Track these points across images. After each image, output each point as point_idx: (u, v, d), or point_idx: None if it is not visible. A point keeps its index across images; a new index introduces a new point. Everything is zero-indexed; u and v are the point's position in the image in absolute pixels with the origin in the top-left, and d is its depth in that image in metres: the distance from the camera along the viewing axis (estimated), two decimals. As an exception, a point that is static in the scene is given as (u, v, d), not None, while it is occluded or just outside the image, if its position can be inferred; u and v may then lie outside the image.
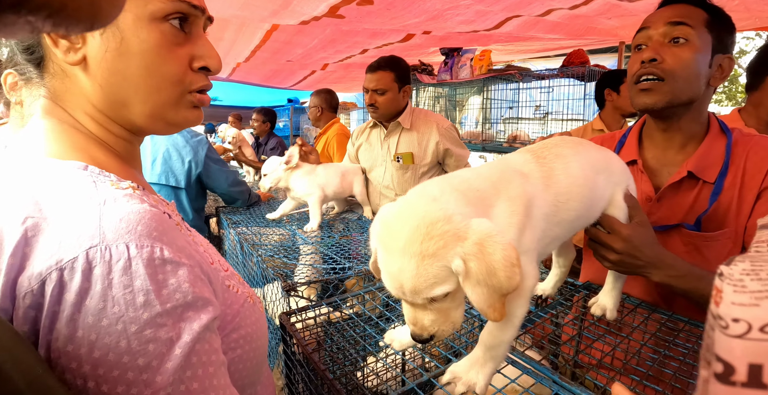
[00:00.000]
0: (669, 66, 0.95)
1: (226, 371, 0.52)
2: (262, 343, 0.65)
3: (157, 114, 0.58)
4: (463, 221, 0.56)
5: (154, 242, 0.47)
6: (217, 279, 0.57)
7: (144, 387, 0.43)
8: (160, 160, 1.96)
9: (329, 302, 1.01)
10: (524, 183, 0.69)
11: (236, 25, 2.99)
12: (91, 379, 0.42)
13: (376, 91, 2.01)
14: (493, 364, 0.69)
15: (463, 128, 4.47)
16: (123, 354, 0.42)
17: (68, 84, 0.56)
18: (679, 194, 1.03)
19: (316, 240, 1.63)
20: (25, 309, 0.42)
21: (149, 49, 0.53)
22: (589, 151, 0.84)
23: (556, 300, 1.02)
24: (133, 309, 0.43)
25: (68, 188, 0.48)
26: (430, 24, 2.60)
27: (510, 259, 0.54)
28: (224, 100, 7.14)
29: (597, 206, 0.85)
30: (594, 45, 3.38)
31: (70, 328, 0.42)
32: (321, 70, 4.51)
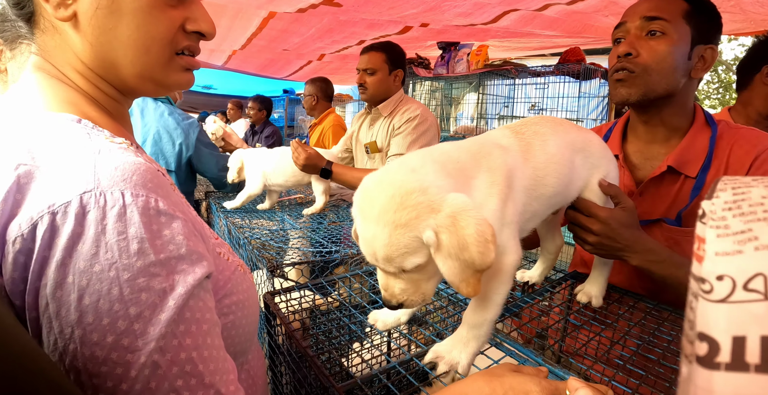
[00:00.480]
0: (643, 60, 0.95)
1: (219, 333, 0.51)
2: (253, 311, 0.65)
3: (146, 75, 0.57)
4: (438, 193, 0.56)
5: (149, 192, 0.46)
6: (209, 244, 0.56)
7: (135, 337, 0.41)
8: (150, 141, 1.93)
9: (315, 284, 1.00)
10: (504, 155, 0.69)
11: (233, 11, 2.96)
12: (78, 327, 0.40)
13: (366, 71, 2.01)
14: (477, 344, 0.68)
15: (458, 123, 4.46)
16: (114, 302, 0.41)
17: (58, 40, 0.55)
18: (661, 189, 1.02)
19: (305, 225, 1.62)
20: (14, 254, 0.41)
21: (140, 8, 0.52)
22: (568, 131, 0.83)
23: (542, 287, 1.02)
24: (127, 256, 0.42)
25: (62, 138, 0.47)
26: (428, 15, 2.58)
27: (484, 234, 0.53)
28: (219, 88, 7.08)
29: (574, 185, 0.84)
30: (591, 44, 3.39)
31: (60, 273, 0.40)
32: (317, 60, 4.48)
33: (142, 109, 1.96)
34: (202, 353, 0.46)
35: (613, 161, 0.91)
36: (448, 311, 0.94)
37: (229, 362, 0.51)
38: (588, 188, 0.87)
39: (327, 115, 3.25)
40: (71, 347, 0.40)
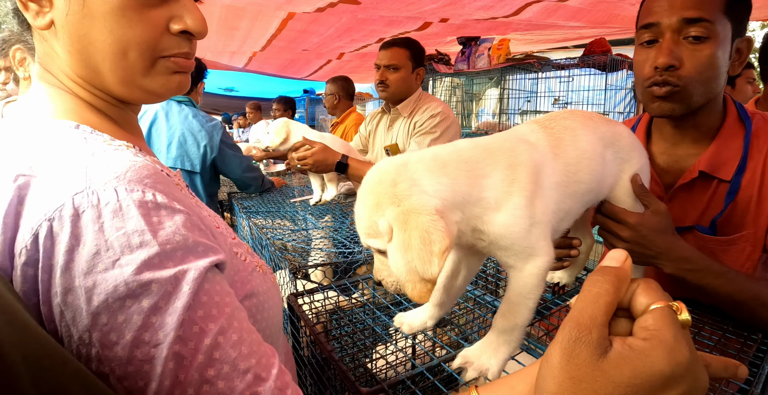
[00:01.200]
0: (687, 72, 0.84)
1: (247, 318, 0.48)
2: (275, 313, 0.63)
3: (129, 81, 0.53)
4: (408, 189, 0.56)
5: (146, 187, 0.44)
6: (225, 244, 0.55)
7: (155, 330, 0.40)
8: (175, 144, 1.96)
9: (339, 285, 0.99)
10: (530, 151, 0.66)
11: (252, 13, 2.98)
12: (95, 330, 0.39)
13: (388, 67, 1.91)
14: (507, 349, 0.66)
15: (480, 119, 4.40)
16: (125, 299, 0.40)
17: (47, 49, 0.53)
18: (692, 194, 0.95)
19: (327, 225, 1.61)
20: (21, 266, 0.40)
21: (112, 11, 0.49)
22: (598, 125, 0.79)
23: (573, 288, 0.98)
24: (129, 251, 0.41)
25: (59, 145, 0.47)
26: (448, 10, 2.55)
27: (429, 244, 0.52)
28: (240, 90, 7.19)
29: (606, 181, 0.80)
30: (616, 35, 3.28)
31: (67, 278, 0.40)
32: (337, 59, 4.49)
33: (167, 112, 1.99)
34: (230, 336, 0.43)
35: (644, 154, 0.86)
36: (474, 313, 0.91)
37: (265, 346, 0.48)
38: (619, 185, 0.83)
39: (349, 114, 3.26)
40: (93, 351, 0.39)
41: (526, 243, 0.63)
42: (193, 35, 0.55)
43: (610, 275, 0.35)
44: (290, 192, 2.39)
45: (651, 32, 0.87)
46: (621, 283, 0.35)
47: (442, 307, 0.81)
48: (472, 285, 1.02)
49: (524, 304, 0.65)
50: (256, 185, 2.24)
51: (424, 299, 0.56)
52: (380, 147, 2.10)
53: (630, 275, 0.36)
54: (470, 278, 0.81)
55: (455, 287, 0.80)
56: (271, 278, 0.67)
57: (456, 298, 0.82)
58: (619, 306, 0.35)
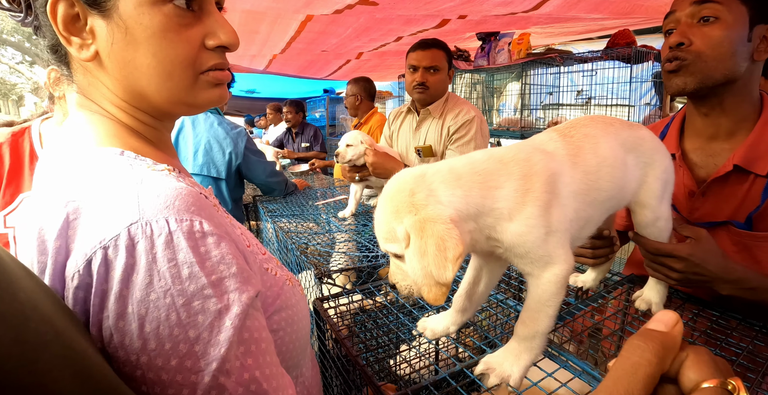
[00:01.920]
0: (696, 48, 0.90)
1: (273, 348, 0.52)
2: (304, 325, 0.66)
3: (175, 99, 0.56)
4: (425, 198, 0.60)
5: (193, 216, 0.47)
6: (255, 262, 0.57)
7: (197, 359, 0.43)
8: (201, 151, 2.02)
9: (363, 289, 1.02)
10: (546, 160, 0.67)
11: (271, 17, 3.03)
12: (143, 354, 0.42)
13: (429, 69, 1.87)
14: (529, 356, 0.67)
15: (501, 115, 4.35)
16: (173, 327, 0.43)
17: (90, 79, 0.56)
18: (726, 188, 0.94)
19: (350, 228, 1.64)
20: (73, 290, 0.43)
21: (154, 35, 0.51)
22: (618, 131, 0.79)
23: (597, 293, 0.98)
24: (179, 282, 0.43)
25: (106, 172, 0.49)
26: (466, 7, 2.52)
27: (444, 251, 0.56)
28: (262, 92, 7.29)
29: (628, 186, 0.80)
30: (641, 24, 3.18)
31: (120, 304, 0.42)
32: (356, 59, 4.51)
33: (193, 120, 2.05)
34: (264, 371, 0.47)
35: (667, 155, 0.85)
36: (499, 318, 0.92)
37: (286, 377, 0.52)
38: (643, 188, 0.83)
39: (372, 114, 3.23)
40: (138, 373, 0.42)
41: (542, 252, 0.64)
42: (226, 48, 0.58)
43: (655, 342, 0.30)
44: (313, 194, 2.43)
45: (670, 21, 0.95)
46: (667, 353, 0.30)
47: (465, 313, 0.83)
48: (494, 289, 1.02)
49: (544, 312, 0.66)
50: (279, 189, 2.28)
51: (439, 301, 0.59)
52: (405, 146, 2.09)
53: (679, 342, 0.31)
54: (493, 285, 0.82)
55: (477, 293, 0.81)
56: (299, 290, 0.69)
57: (479, 304, 0.83)
58: (664, 374, 0.30)
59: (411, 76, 1.92)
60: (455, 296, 0.83)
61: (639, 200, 0.84)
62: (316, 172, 3.52)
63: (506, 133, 3.35)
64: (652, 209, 0.84)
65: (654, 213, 0.84)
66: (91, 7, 0.50)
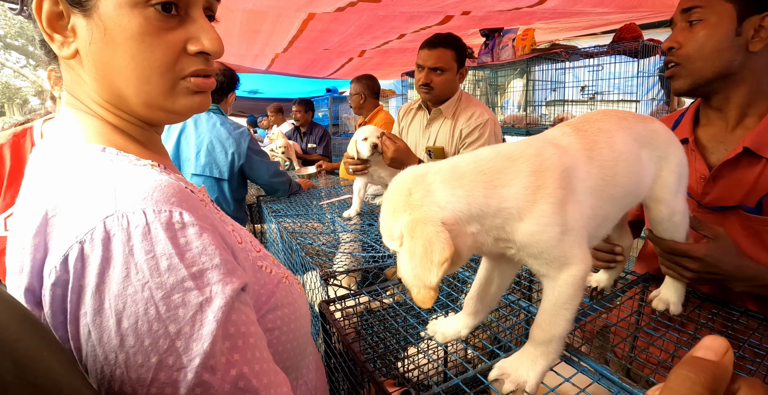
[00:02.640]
0: (685, 51, 0.96)
1: (266, 345, 0.50)
2: (302, 324, 0.63)
3: (152, 104, 0.55)
4: (421, 200, 0.58)
5: (172, 207, 0.45)
6: (247, 258, 0.56)
7: (179, 355, 0.41)
8: (204, 152, 2.00)
9: (369, 291, 0.99)
10: (559, 154, 0.64)
11: (273, 16, 3.01)
12: (122, 351, 0.40)
13: (434, 69, 1.80)
14: (546, 361, 0.64)
15: (505, 112, 4.31)
16: (153, 322, 0.41)
17: (73, 76, 0.55)
18: (737, 173, 0.95)
19: (356, 228, 1.62)
20: (50, 287, 0.42)
21: (132, 37, 0.50)
22: (632, 125, 0.77)
23: (612, 293, 0.95)
24: (158, 274, 0.42)
25: (86, 168, 0.48)
26: (469, 3, 2.49)
27: (429, 253, 0.53)
28: (264, 92, 7.28)
29: (644, 181, 0.78)
30: (647, 18, 3.13)
31: (97, 300, 0.41)
32: (358, 57, 4.48)
33: (195, 120, 2.03)
34: (253, 367, 0.45)
35: (680, 148, 0.83)
36: (510, 320, 0.89)
37: (280, 375, 0.50)
38: (658, 183, 0.80)
39: (377, 112, 3.20)
40: (118, 372, 0.41)
41: (558, 252, 0.61)
42: (209, 55, 0.56)
43: (706, 373, 0.26)
44: (317, 194, 2.40)
45: (672, 26, 1.01)
46: (718, 385, 0.26)
47: (477, 316, 0.80)
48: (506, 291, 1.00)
49: (561, 315, 0.63)
50: (283, 189, 2.26)
51: (427, 304, 0.56)
52: (414, 143, 2.05)
53: (730, 373, 0.28)
54: (505, 287, 0.79)
55: (489, 295, 0.78)
56: (298, 288, 0.67)
57: (491, 306, 0.81)
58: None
59: (417, 75, 1.88)
60: (466, 298, 0.80)
61: (654, 195, 0.81)
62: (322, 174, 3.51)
63: (511, 130, 3.32)
64: (667, 203, 0.81)
65: (669, 208, 0.81)
66: (73, 6, 0.50)
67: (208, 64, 0.57)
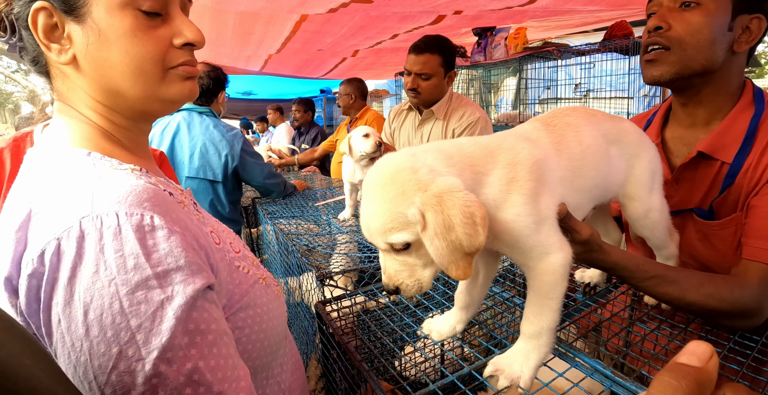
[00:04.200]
0: (676, 33, 0.87)
1: (232, 343, 0.53)
2: (275, 325, 0.65)
3: (148, 94, 0.60)
4: (429, 174, 0.57)
5: (144, 210, 0.49)
6: (223, 259, 0.59)
7: (138, 347, 0.45)
8: (197, 154, 2.00)
9: (365, 291, 1.00)
10: (530, 148, 0.66)
11: (265, 17, 3.01)
12: (87, 340, 0.44)
13: (420, 75, 1.83)
14: (538, 355, 0.65)
15: (499, 110, 4.33)
16: (116, 315, 0.44)
17: (68, 83, 0.59)
18: (696, 176, 0.94)
19: (351, 229, 1.62)
20: (27, 277, 0.46)
21: (125, 35, 0.56)
22: (601, 121, 0.79)
23: (605, 288, 0.96)
24: (124, 272, 0.45)
25: (70, 171, 0.52)
26: (461, 3, 2.51)
27: (471, 216, 0.53)
28: (258, 93, 7.26)
29: (613, 177, 0.80)
30: (638, 16, 3.15)
31: (68, 292, 0.45)
32: (352, 57, 4.49)
33: (189, 123, 2.03)
34: (209, 362, 0.48)
35: (652, 147, 0.84)
36: (505, 316, 0.90)
37: (240, 369, 0.52)
38: (630, 181, 0.82)
39: (366, 111, 3.35)
40: (82, 359, 0.44)
41: (533, 241, 0.63)
42: (193, 45, 0.62)
43: (689, 379, 0.26)
44: (312, 195, 2.40)
45: (653, 5, 0.92)
46: (702, 391, 0.26)
47: (468, 310, 0.81)
48: (500, 287, 1.01)
49: (547, 305, 0.64)
50: (278, 191, 2.26)
51: (468, 274, 0.57)
52: (408, 144, 2.07)
53: (715, 379, 0.27)
54: (491, 278, 0.81)
55: (477, 287, 0.79)
56: (275, 290, 0.70)
57: (480, 299, 0.82)
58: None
59: (405, 79, 1.91)
60: (456, 293, 0.81)
61: (627, 192, 0.83)
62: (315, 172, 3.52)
63: (505, 128, 3.32)
64: (641, 201, 0.83)
65: (644, 205, 0.83)
66: (67, 15, 0.54)
67: (192, 55, 0.63)
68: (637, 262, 0.79)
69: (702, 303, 0.77)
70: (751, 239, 0.82)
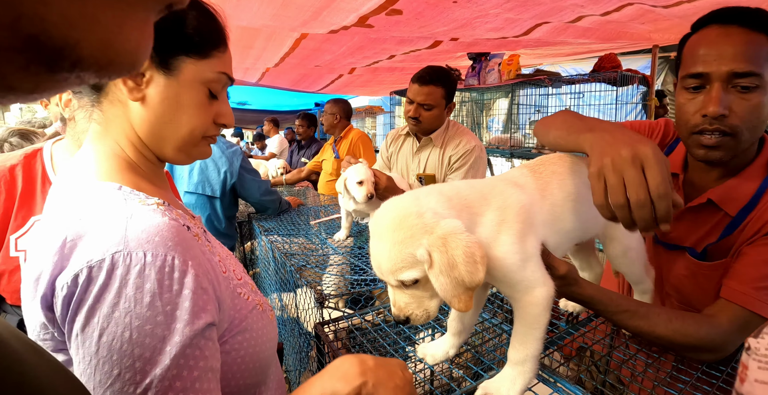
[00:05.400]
0: (738, 120, 0.85)
1: (215, 378, 0.58)
2: (267, 347, 0.71)
3: (183, 151, 0.71)
4: (434, 218, 0.63)
5: (168, 251, 0.55)
6: (228, 287, 0.65)
7: (135, 373, 0.51)
8: (197, 170, 2.04)
9: (362, 313, 1.05)
10: (518, 193, 0.73)
11: (266, 34, 3.07)
12: (95, 358, 0.51)
13: (422, 105, 1.90)
14: (523, 380, 0.71)
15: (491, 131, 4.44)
16: (125, 343, 0.51)
17: (121, 112, 0.66)
18: (698, 219, 0.98)
19: (346, 250, 1.67)
20: (62, 297, 0.52)
21: (193, 106, 0.67)
22: (583, 170, 0.84)
23: (586, 317, 1.02)
24: (140, 307, 0.52)
25: (104, 205, 0.58)
26: (459, 32, 2.60)
27: (472, 255, 0.60)
28: (253, 104, 7.31)
29: (594, 220, 0.84)
30: (626, 48, 3.31)
31: (89, 314, 0.51)
32: (348, 74, 4.57)
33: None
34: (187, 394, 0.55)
35: None
36: (493, 342, 0.96)
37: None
38: (610, 224, 0.88)
39: (349, 130, 3.47)
40: (88, 371, 0.51)
41: (520, 277, 0.70)
42: (226, 126, 0.74)
43: None
44: (306, 211, 2.45)
45: (698, 80, 0.88)
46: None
47: (460, 336, 0.87)
48: (489, 314, 1.06)
49: (531, 334, 0.71)
50: (273, 207, 2.30)
51: (470, 306, 0.63)
52: (404, 168, 2.13)
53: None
54: (480, 306, 0.88)
55: (468, 314, 0.85)
56: (269, 315, 0.76)
57: (471, 326, 0.88)
58: None
59: (407, 107, 1.96)
60: (449, 320, 0.87)
61: (607, 233, 0.90)
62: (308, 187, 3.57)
63: (496, 151, 3.43)
64: (620, 241, 0.90)
65: (622, 245, 0.90)
66: (158, 67, 0.64)
67: (219, 131, 0.75)
68: (611, 296, 0.85)
69: (669, 338, 0.83)
70: (731, 281, 0.87)
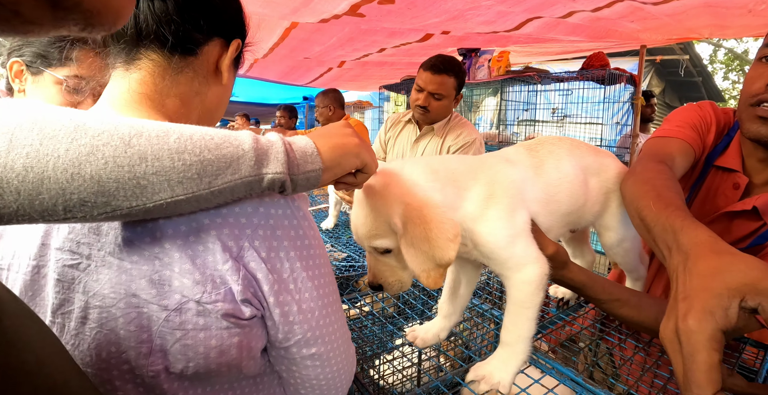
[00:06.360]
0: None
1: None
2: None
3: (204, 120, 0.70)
4: (414, 188, 0.62)
5: None
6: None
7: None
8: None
9: (350, 298, 1.02)
10: (509, 168, 0.72)
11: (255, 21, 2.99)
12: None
13: (433, 94, 1.83)
14: (516, 362, 0.69)
15: (479, 128, 4.45)
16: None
17: (193, 83, 0.63)
18: (734, 223, 0.94)
19: (334, 238, 1.64)
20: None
21: (229, 88, 0.69)
22: (584, 154, 0.84)
23: (576, 303, 1.02)
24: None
25: None
26: (450, 24, 2.59)
27: (445, 232, 0.58)
28: (240, 96, 7.20)
29: (589, 206, 0.84)
30: (614, 48, 3.34)
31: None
32: (338, 67, 4.53)
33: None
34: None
35: None
36: (485, 327, 0.94)
37: None
38: (607, 212, 0.88)
39: (346, 120, 3.39)
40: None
41: (509, 253, 0.68)
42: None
43: None
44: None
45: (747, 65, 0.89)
46: None
47: (450, 318, 0.85)
48: (479, 300, 1.05)
49: (524, 314, 0.69)
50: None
51: (439, 284, 0.61)
52: (400, 154, 2.10)
53: None
54: (472, 288, 0.86)
55: (459, 296, 0.84)
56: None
57: (462, 308, 0.86)
58: None
59: (415, 95, 1.89)
60: (439, 303, 0.85)
61: (603, 222, 0.89)
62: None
63: (485, 147, 3.43)
64: (616, 231, 0.89)
65: (618, 235, 0.89)
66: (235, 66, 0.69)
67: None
68: (603, 283, 0.82)
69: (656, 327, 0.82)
70: None
